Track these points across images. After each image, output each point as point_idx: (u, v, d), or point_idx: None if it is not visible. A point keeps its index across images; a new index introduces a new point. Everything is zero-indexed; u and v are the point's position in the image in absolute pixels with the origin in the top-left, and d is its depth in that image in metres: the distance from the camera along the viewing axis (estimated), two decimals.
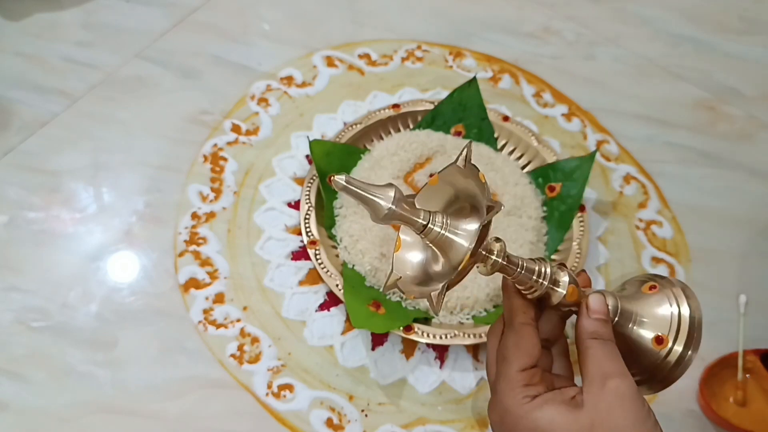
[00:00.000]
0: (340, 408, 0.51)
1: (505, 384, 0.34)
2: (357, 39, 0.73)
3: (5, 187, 0.58)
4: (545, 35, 0.77)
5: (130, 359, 0.51)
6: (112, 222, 0.57)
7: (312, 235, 0.55)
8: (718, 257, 0.62)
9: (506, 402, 0.33)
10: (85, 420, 0.48)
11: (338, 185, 0.31)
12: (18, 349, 0.50)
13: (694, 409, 0.54)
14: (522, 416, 0.33)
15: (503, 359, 0.35)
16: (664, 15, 0.82)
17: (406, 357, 0.53)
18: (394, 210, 0.33)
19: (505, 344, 0.35)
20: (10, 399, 0.48)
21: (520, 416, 0.33)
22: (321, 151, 0.59)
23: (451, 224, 0.33)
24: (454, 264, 0.32)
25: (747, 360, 0.54)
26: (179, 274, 0.55)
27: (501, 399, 0.34)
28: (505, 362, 0.35)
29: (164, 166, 0.61)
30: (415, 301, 0.53)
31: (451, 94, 0.64)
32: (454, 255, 0.33)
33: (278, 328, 0.54)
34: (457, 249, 0.32)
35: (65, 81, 0.65)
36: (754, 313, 0.58)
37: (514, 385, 0.34)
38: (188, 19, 0.72)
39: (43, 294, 0.53)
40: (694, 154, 0.69)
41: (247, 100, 0.66)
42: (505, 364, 0.35)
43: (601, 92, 0.73)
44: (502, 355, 0.35)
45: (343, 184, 0.31)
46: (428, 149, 0.60)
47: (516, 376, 0.34)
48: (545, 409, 0.32)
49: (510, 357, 0.34)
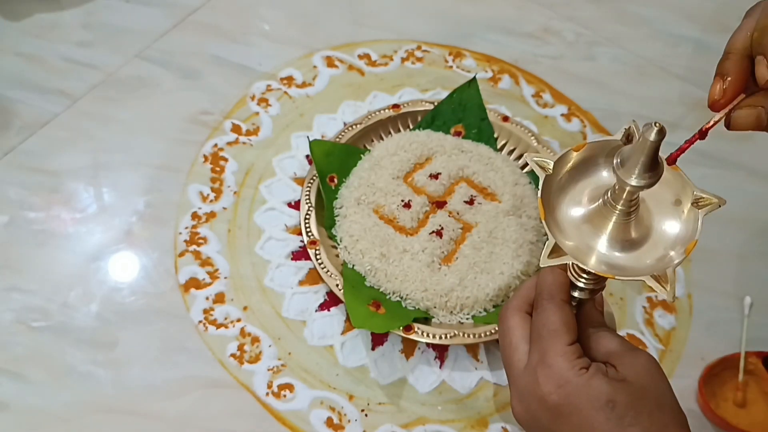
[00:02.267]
0: (340, 408, 0.51)
1: (560, 357, 0.35)
2: (357, 39, 0.73)
3: (5, 187, 0.58)
4: (545, 35, 0.77)
5: (130, 359, 0.51)
6: (112, 222, 0.57)
7: (312, 235, 0.55)
8: (718, 257, 0.62)
9: (567, 374, 0.34)
10: (85, 420, 0.48)
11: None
12: (18, 349, 0.50)
13: (694, 408, 0.54)
14: (583, 384, 0.34)
15: (550, 334, 0.35)
16: (664, 15, 0.82)
17: (406, 357, 0.53)
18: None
19: (551, 320, 0.36)
20: (10, 399, 0.48)
21: (581, 385, 0.34)
22: (321, 151, 0.59)
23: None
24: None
25: (749, 362, 0.54)
26: (179, 274, 0.55)
27: (559, 371, 0.34)
28: (553, 337, 0.35)
29: (164, 166, 0.61)
30: (414, 301, 0.53)
31: (451, 95, 0.64)
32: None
33: (278, 328, 0.54)
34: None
35: (65, 81, 0.65)
36: (754, 314, 0.58)
37: (570, 357, 0.35)
38: (188, 19, 0.72)
39: (44, 294, 0.53)
40: (694, 154, 0.68)
41: (248, 101, 0.66)
42: (554, 338, 0.35)
43: (601, 92, 0.73)
44: (549, 330, 0.35)
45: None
46: (428, 149, 0.60)
47: (569, 350, 0.35)
48: (601, 378, 0.34)
49: (559, 331, 0.35)
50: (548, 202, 0.36)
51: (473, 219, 0.57)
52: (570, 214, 0.36)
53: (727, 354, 0.55)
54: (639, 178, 0.32)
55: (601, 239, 0.35)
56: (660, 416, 0.33)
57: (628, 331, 0.57)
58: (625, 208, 0.34)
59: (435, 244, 0.55)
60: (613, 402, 0.33)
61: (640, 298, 0.59)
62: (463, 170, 0.59)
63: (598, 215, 0.35)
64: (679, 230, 0.35)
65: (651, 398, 0.34)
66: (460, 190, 0.58)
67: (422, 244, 0.54)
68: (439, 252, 0.54)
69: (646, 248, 0.35)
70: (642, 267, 0.35)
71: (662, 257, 0.35)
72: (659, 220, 0.36)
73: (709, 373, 0.54)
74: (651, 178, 0.32)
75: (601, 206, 0.35)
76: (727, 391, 0.54)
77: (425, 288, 0.53)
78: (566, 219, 0.36)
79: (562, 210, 0.36)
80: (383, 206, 0.57)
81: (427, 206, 0.57)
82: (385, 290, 0.54)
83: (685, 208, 0.35)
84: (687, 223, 0.35)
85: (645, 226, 0.36)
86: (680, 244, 0.35)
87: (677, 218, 0.35)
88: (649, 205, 0.36)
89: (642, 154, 0.32)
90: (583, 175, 0.37)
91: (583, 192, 0.37)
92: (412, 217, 0.56)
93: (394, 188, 0.57)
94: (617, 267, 0.35)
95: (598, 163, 0.37)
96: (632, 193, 0.34)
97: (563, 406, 0.34)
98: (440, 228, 0.56)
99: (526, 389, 0.36)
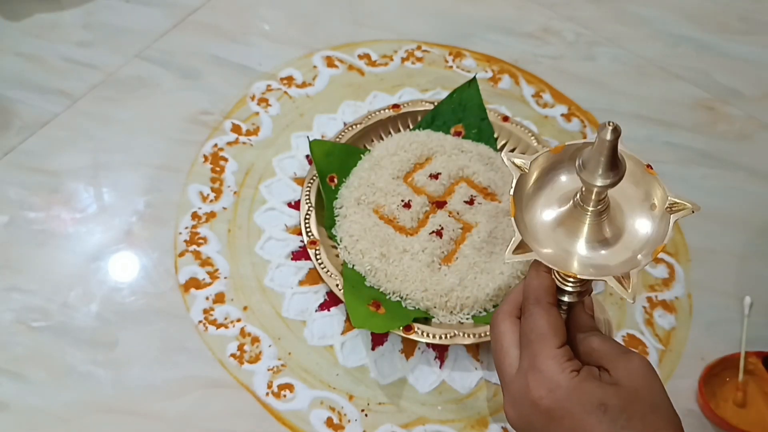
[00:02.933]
0: (340, 408, 0.51)
1: (550, 360, 0.35)
2: (357, 39, 0.73)
3: (5, 187, 0.58)
4: (545, 35, 0.77)
5: (130, 359, 0.51)
6: (112, 222, 0.57)
7: (312, 235, 0.56)
8: (718, 257, 0.62)
9: (557, 378, 0.34)
10: (85, 420, 0.48)
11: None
12: (18, 349, 0.50)
13: (693, 408, 0.54)
14: (574, 388, 0.34)
15: (538, 338, 0.35)
16: (664, 15, 0.82)
17: (406, 357, 0.53)
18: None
19: (538, 324, 0.36)
20: (10, 399, 0.48)
21: (572, 388, 0.34)
22: (321, 151, 0.59)
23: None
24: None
25: (749, 362, 0.54)
26: (179, 274, 0.55)
27: (550, 375, 0.34)
28: (541, 341, 0.35)
29: (164, 166, 0.61)
30: (414, 301, 0.53)
31: (451, 95, 0.64)
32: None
33: (278, 328, 0.54)
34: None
35: (65, 81, 0.65)
36: (754, 314, 0.58)
37: (560, 360, 0.35)
38: (188, 19, 0.72)
39: (44, 294, 0.53)
40: (694, 154, 0.69)
41: (248, 100, 0.66)
42: (543, 342, 0.35)
43: (601, 92, 0.73)
44: (537, 334, 0.36)
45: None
46: (428, 149, 0.60)
47: (559, 353, 0.35)
48: (593, 382, 0.34)
49: (547, 335, 0.35)
50: (520, 201, 0.37)
51: (473, 219, 0.57)
52: (544, 217, 0.37)
53: (727, 354, 0.55)
54: (602, 178, 0.33)
55: (578, 241, 0.36)
56: (653, 419, 0.33)
57: (628, 331, 0.57)
58: (594, 208, 0.35)
59: (435, 244, 0.55)
60: (605, 405, 0.33)
61: (640, 298, 0.59)
62: (463, 170, 0.59)
63: (571, 217, 0.36)
64: (651, 233, 0.35)
65: (644, 401, 0.33)
66: (460, 190, 0.58)
67: (422, 244, 0.54)
68: (439, 252, 0.55)
69: (616, 249, 0.36)
70: (611, 267, 0.35)
71: (630, 259, 0.35)
72: (632, 223, 0.36)
73: (709, 373, 0.54)
74: (613, 177, 0.33)
75: (572, 208, 0.36)
76: (727, 391, 0.54)
77: (425, 288, 0.53)
78: (540, 225, 0.36)
79: (536, 211, 0.37)
80: (383, 206, 0.57)
81: (427, 206, 0.57)
82: (385, 290, 0.54)
83: (658, 212, 0.35)
84: (659, 227, 0.35)
85: (617, 226, 0.36)
86: (649, 247, 0.35)
87: (650, 221, 0.36)
88: (624, 208, 0.36)
89: (601, 154, 0.32)
90: (557, 177, 0.38)
91: (557, 194, 0.37)
92: (412, 217, 0.56)
93: (394, 188, 0.57)
94: (595, 266, 0.35)
95: (566, 166, 0.37)
96: (599, 193, 0.34)
97: (555, 410, 0.34)
98: (440, 228, 0.56)
99: (518, 394, 0.36)
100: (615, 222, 0.36)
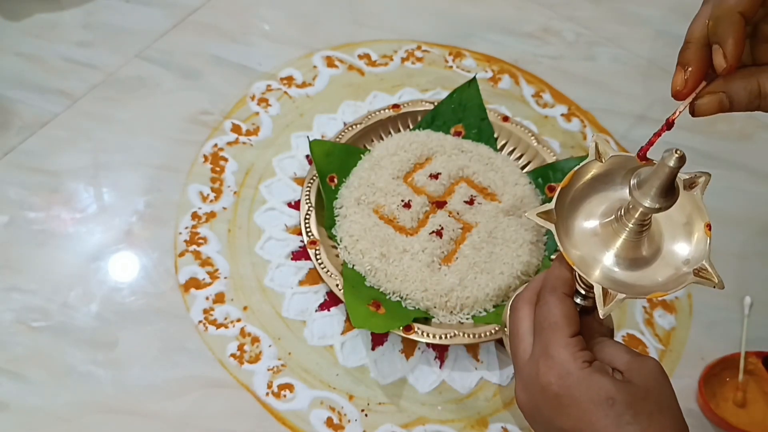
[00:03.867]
0: (340, 408, 0.51)
1: (562, 349, 0.35)
2: (357, 39, 0.73)
3: (5, 187, 0.58)
4: (545, 35, 0.77)
5: (130, 359, 0.51)
6: (112, 222, 0.57)
7: (312, 235, 0.55)
8: (718, 257, 0.61)
9: (568, 365, 0.34)
10: (85, 420, 0.48)
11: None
12: (18, 349, 0.50)
13: (693, 408, 0.54)
14: (584, 378, 0.34)
15: (551, 326, 0.36)
16: (664, 15, 0.82)
17: (406, 357, 0.53)
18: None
19: (552, 312, 0.36)
20: (10, 399, 0.48)
21: (582, 378, 0.34)
22: (321, 151, 0.59)
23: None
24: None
25: (749, 362, 0.54)
26: (179, 274, 0.55)
27: (561, 363, 0.34)
28: (555, 329, 0.35)
29: (164, 166, 0.61)
30: (414, 301, 0.53)
31: (451, 95, 0.64)
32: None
33: (278, 328, 0.54)
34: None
35: (65, 81, 0.65)
36: (755, 314, 0.58)
37: (573, 349, 0.35)
38: (188, 19, 0.72)
39: (44, 294, 0.53)
40: (694, 154, 0.69)
41: (248, 100, 0.66)
42: (556, 330, 0.35)
43: (601, 92, 0.73)
44: (550, 322, 0.36)
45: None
46: (428, 149, 0.60)
47: (571, 341, 0.35)
48: (604, 376, 0.34)
49: (561, 324, 0.35)
50: (562, 211, 0.37)
51: (473, 219, 0.57)
52: (582, 224, 0.37)
53: (727, 354, 0.55)
54: (653, 201, 0.33)
55: (608, 254, 0.36)
56: (660, 418, 0.33)
57: (628, 331, 0.57)
58: (636, 227, 0.35)
59: (435, 244, 0.55)
60: (612, 399, 0.33)
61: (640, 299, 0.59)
62: (463, 170, 0.59)
63: (610, 230, 0.36)
64: (672, 273, 0.36)
65: (652, 400, 0.34)
66: (460, 190, 0.58)
67: (422, 244, 0.54)
68: (439, 252, 0.55)
69: (643, 272, 0.36)
70: (651, 284, 0.35)
71: (644, 286, 0.35)
72: (667, 252, 0.36)
73: (709, 373, 0.54)
74: (666, 202, 0.33)
75: (613, 222, 0.36)
76: (727, 391, 0.54)
77: (425, 288, 0.53)
78: (578, 228, 0.37)
79: (576, 219, 0.37)
80: (383, 206, 0.57)
81: (427, 206, 0.57)
82: (385, 290, 0.54)
83: (688, 264, 0.36)
84: (681, 273, 0.35)
85: (653, 251, 0.36)
86: (663, 286, 0.35)
87: (681, 261, 0.36)
88: (664, 234, 0.37)
89: (659, 179, 0.32)
90: (602, 188, 0.38)
91: (599, 205, 0.37)
92: (412, 217, 0.56)
93: (394, 188, 0.57)
94: (621, 283, 0.35)
95: (616, 180, 0.37)
96: (645, 214, 0.34)
97: (563, 397, 0.34)
98: (440, 228, 0.56)
99: (529, 379, 0.36)
100: (652, 245, 0.36)
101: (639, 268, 0.36)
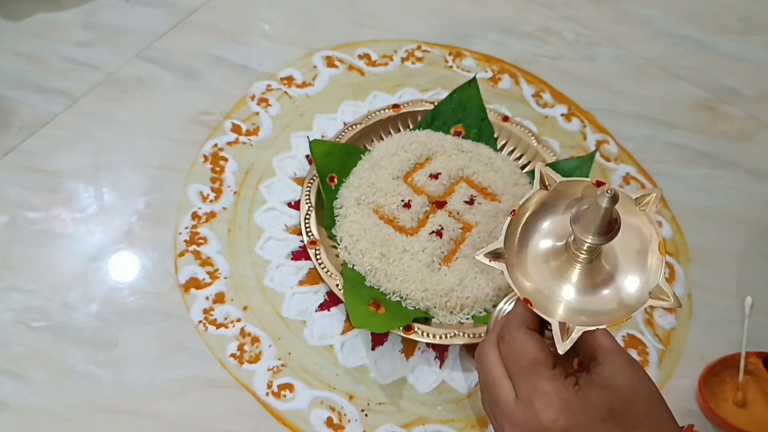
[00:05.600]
0: (340, 408, 0.51)
1: (553, 382, 0.35)
2: (357, 39, 0.73)
3: (5, 187, 0.58)
4: (545, 35, 0.78)
5: (130, 359, 0.51)
6: (112, 222, 0.57)
7: (312, 235, 0.56)
8: (718, 257, 0.62)
9: (566, 395, 0.34)
10: (85, 420, 0.48)
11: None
12: (18, 349, 0.50)
13: (694, 408, 0.54)
14: (584, 401, 0.34)
15: (532, 363, 0.36)
16: (664, 15, 0.82)
17: (406, 357, 0.53)
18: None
19: (527, 348, 0.36)
20: (10, 399, 0.48)
21: (583, 402, 0.34)
22: (321, 151, 0.59)
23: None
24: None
25: (749, 362, 0.54)
26: (179, 274, 0.55)
27: (559, 395, 0.34)
28: (537, 365, 0.36)
29: (164, 166, 0.61)
30: (414, 301, 0.53)
31: (451, 95, 0.64)
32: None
33: (278, 328, 0.54)
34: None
35: (65, 81, 0.65)
36: (755, 314, 0.58)
37: (560, 379, 0.35)
38: (188, 19, 0.72)
39: (44, 294, 0.53)
40: (694, 154, 0.69)
41: (248, 100, 0.66)
42: (538, 366, 0.36)
43: (601, 92, 0.73)
44: (529, 360, 0.36)
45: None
46: (428, 149, 0.60)
47: (556, 373, 0.35)
48: (593, 388, 0.35)
49: (540, 358, 0.36)
50: (512, 245, 0.37)
51: (473, 219, 0.57)
52: (536, 253, 0.37)
53: (727, 354, 0.55)
54: (594, 237, 0.33)
55: (564, 283, 0.36)
56: (655, 412, 0.34)
57: (628, 332, 0.57)
58: (587, 255, 0.35)
59: (435, 244, 0.55)
60: (613, 409, 0.34)
61: None
62: (463, 170, 0.59)
63: (562, 259, 0.36)
64: (630, 295, 0.36)
65: (644, 398, 0.35)
66: (460, 190, 0.58)
67: (422, 244, 0.54)
68: (439, 252, 0.55)
69: (596, 298, 0.36)
70: (610, 309, 0.35)
71: (602, 312, 0.36)
72: (622, 278, 0.36)
73: (709, 373, 0.54)
74: (606, 238, 0.33)
75: (564, 250, 0.36)
76: (727, 391, 0.54)
77: (425, 288, 0.53)
78: (531, 258, 0.37)
79: (529, 249, 0.37)
80: (383, 206, 0.57)
81: (427, 206, 0.57)
82: (385, 290, 0.54)
83: (650, 252, 0.36)
84: (639, 295, 0.36)
85: (611, 268, 0.36)
86: (617, 312, 0.35)
87: (636, 283, 0.36)
88: (618, 260, 0.37)
89: (596, 216, 0.33)
90: (551, 215, 0.38)
91: (551, 232, 0.38)
92: (412, 217, 0.56)
93: (394, 188, 0.57)
94: (579, 311, 0.35)
95: (565, 205, 0.38)
96: (590, 246, 0.35)
97: (572, 428, 0.34)
98: (440, 228, 0.56)
99: (526, 423, 0.35)
100: (607, 268, 0.36)
101: (596, 293, 0.36)
